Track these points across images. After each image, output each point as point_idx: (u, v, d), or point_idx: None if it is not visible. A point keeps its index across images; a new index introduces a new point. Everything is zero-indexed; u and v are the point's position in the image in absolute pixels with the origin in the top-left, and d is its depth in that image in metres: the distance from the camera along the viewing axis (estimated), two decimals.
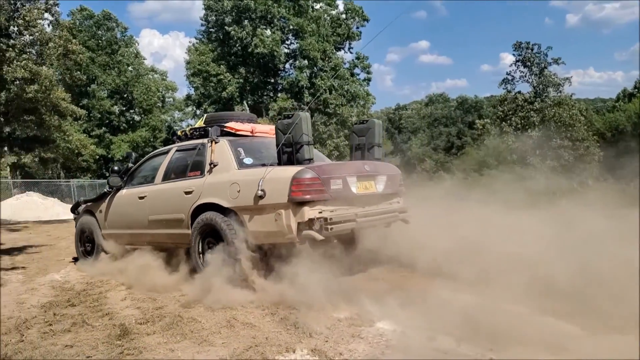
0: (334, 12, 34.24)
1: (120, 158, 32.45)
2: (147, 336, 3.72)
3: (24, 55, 25.24)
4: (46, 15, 26.79)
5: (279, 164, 4.65)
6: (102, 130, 37.12)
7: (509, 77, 33.98)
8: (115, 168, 6.41)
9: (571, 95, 32.92)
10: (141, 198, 5.78)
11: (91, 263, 6.36)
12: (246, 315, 4.24)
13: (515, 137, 30.30)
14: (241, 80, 32.19)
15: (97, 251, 6.41)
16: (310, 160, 4.55)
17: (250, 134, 5.51)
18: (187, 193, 5.14)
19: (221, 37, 33.45)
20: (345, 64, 34.35)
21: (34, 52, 26.75)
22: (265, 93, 34.13)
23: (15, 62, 24.31)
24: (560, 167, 27.18)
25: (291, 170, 4.40)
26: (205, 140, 5.34)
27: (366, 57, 35.12)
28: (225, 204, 4.73)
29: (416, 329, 3.67)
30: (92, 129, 36.37)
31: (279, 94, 32.74)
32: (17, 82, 24.59)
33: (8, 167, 25.89)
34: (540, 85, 32.74)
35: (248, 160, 4.99)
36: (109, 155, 35.40)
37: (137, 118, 40.30)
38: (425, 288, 4.52)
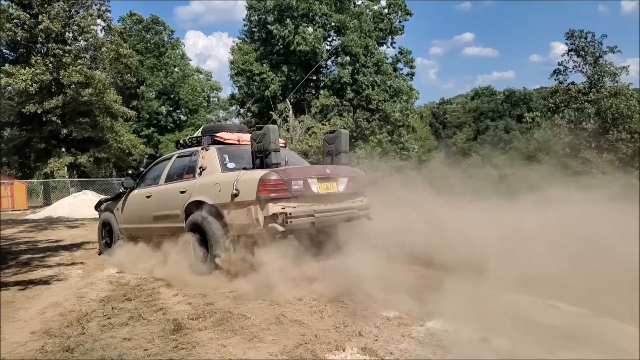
0: (376, 7, 33.88)
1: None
2: (199, 331, 3.80)
3: (79, 61, 26.56)
4: (99, 21, 28.10)
5: (253, 167, 5.40)
6: (151, 130, 38.48)
7: (561, 68, 32.62)
8: (130, 172, 7.46)
9: (628, 85, 31.13)
10: (148, 197, 6.67)
11: (110, 253, 7.25)
12: (294, 312, 4.26)
13: (569, 130, 28.99)
14: (283, 79, 32.44)
15: (115, 242, 7.33)
16: (277, 164, 5.27)
17: (237, 143, 6.31)
18: (182, 192, 5.98)
19: (263, 36, 33.84)
20: (387, 59, 33.95)
21: (88, 57, 28.10)
22: (307, 90, 34.24)
23: (71, 67, 25.63)
24: (618, 161, 25.76)
25: (259, 173, 5.13)
26: (199, 148, 6.23)
27: (409, 52, 34.60)
28: (209, 201, 5.53)
29: (469, 329, 3.56)
30: (142, 129, 37.78)
31: (321, 91, 32.75)
32: (73, 86, 25.90)
33: (66, 167, 27.25)
34: (595, 75, 31.17)
35: (231, 165, 5.79)
36: (158, 155, 36.66)
37: (183, 118, 41.53)
38: (474, 287, 4.40)
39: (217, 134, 6.34)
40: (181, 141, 7.09)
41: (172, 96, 40.78)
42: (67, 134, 27.14)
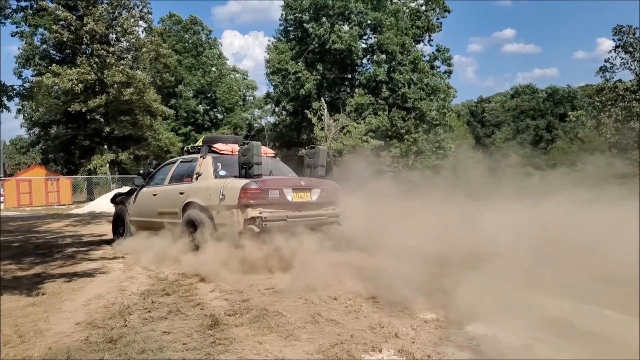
0: (413, 5, 33.43)
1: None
2: (236, 328, 3.84)
3: (122, 61, 27.44)
4: (140, 22, 28.95)
5: (239, 177, 6.24)
6: (188, 129, 39.32)
7: (608, 65, 31.28)
8: (141, 172, 8.50)
9: None
10: (154, 195, 7.61)
11: (121, 242, 8.10)
12: (330, 311, 4.25)
13: (615, 129, 27.77)
14: (319, 77, 32.47)
15: (127, 233, 8.24)
16: (258, 175, 6.14)
17: (231, 153, 7.05)
18: (181, 193, 6.87)
19: (299, 35, 33.97)
20: (424, 56, 33.45)
21: (129, 57, 29.00)
22: (342, 89, 34.16)
23: (114, 67, 26.51)
24: None
25: (241, 182, 6.00)
26: (198, 156, 7.13)
27: (447, 49, 33.99)
28: (202, 203, 6.40)
29: (510, 335, 3.46)
30: (179, 128, 38.66)
31: (356, 90, 32.61)
32: (115, 85, 26.78)
33: (107, 163, 28.20)
34: None
35: (222, 172, 6.65)
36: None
37: (219, 116, 42.26)
38: (516, 291, 4.28)
39: (214, 145, 7.22)
40: (185, 148, 8.06)
41: (209, 95, 41.55)
42: (109, 132, 28.08)
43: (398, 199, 9.54)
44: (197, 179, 6.77)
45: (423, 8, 33.46)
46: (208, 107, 41.86)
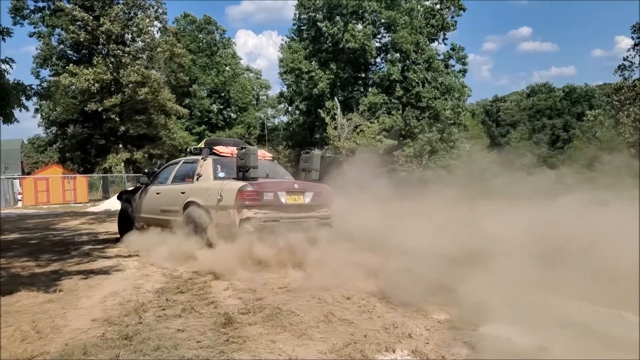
0: (427, 3, 33.19)
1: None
2: (249, 326, 3.85)
3: (137, 61, 27.74)
4: (155, 22, 29.22)
5: (237, 179, 6.52)
6: (202, 128, 39.58)
7: (627, 63, 30.74)
8: (146, 171, 8.94)
9: None
10: (158, 193, 7.96)
11: (126, 237, 8.31)
12: (343, 311, 4.24)
13: (634, 129, 27.26)
14: (332, 76, 32.43)
15: (132, 228, 8.46)
16: (255, 179, 6.46)
17: (230, 156, 7.25)
18: (182, 193, 7.18)
19: (312, 34, 33.97)
20: (439, 55, 33.19)
21: (144, 57, 29.30)
22: (355, 88, 34.08)
23: (129, 67, 26.81)
24: None
25: (238, 185, 6.32)
26: (199, 157, 7.43)
27: (462, 48, 33.70)
28: (201, 202, 6.70)
29: (525, 337, 3.42)
30: (193, 127, 38.93)
31: (370, 89, 32.50)
32: (131, 85, 27.08)
33: (123, 162, 28.53)
34: None
35: (221, 174, 6.95)
36: None
37: (233, 116, 42.47)
38: (532, 293, 4.22)
39: (214, 147, 7.54)
40: (188, 150, 8.49)
41: (222, 94, 41.77)
42: (125, 131, 28.40)
43: (409, 199, 9.49)
44: (197, 179, 7.11)
45: (438, 6, 33.22)
46: (222, 107, 42.10)
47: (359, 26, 31.80)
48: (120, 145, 29.10)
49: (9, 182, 27.70)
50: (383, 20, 32.12)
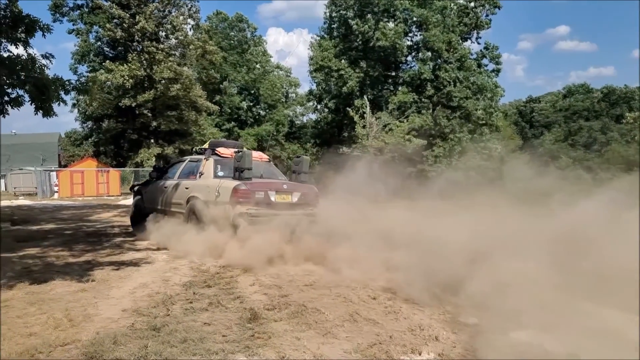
0: (461, 1, 32.56)
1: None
2: (275, 322, 3.87)
3: (170, 58, 28.24)
4: (188, 20, 29.69)
5: (234, 178, 7.23)
6: (231, 125, 39.96)
7: None
8: (156, 166, 10.07)
9: None
10: (165, 187, 8.67)
11: (138, 227, 9.09)
12: (368, 311, 4.21)
13: None
14: (362, 75, 32.23)
15: (143, 218, 8.99)
16: (249, 179, 7.18)
17: (230, 157, 7.91)
18: (186, 188, 7.96)
19: (343, 32, 33.84)
20: (472, 54, 32.55)
21: (177, 54, 29.80)
22: (385, 87, 33.76)
23: (162, 63, 27.33)
24: None
25: (233, 183, 7.06)
26: (203, 157, 8.22)
27: (496, 47, 32.93)
28: (202, 198, 7.46)
29: (556, 344, 3.31)
30: (223, 124, 39.35)
31: (400, 88, 32.15)
32: (163, 81, 27.58)
33: (154, 157, 29.12)
34: None
35: (221, 173, 7.69)
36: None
37: (262, 113, 42.72)
38: (564, 299, 4.08)
39: (217, 149, 8.31)
40: (194, 150, 9.50)
41: (252, 92, 42.07)
42: (156, 126, 28.97)
43: (440, 200, 9.36)
44: (200, 177, 7.90)
45: (472, 4, 32.54)
46: (251, 104, 42.42)
47: (390, 24, 31.48)
48: (152, 140, 29.70)
49: (47, 174, 28.70)
50: (415, 19, 31.68)
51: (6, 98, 8.42)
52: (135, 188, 10.20)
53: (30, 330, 3.63)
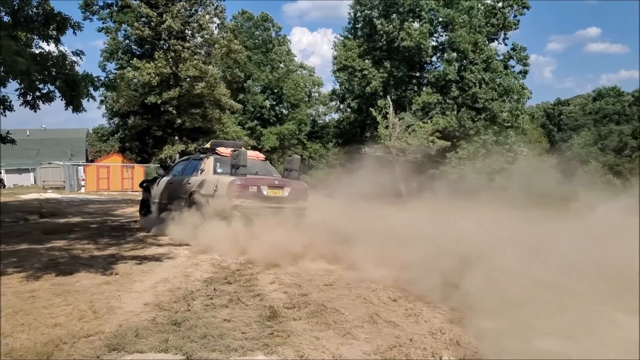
0: (488, 1, 31.99)
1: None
2: (294, 321, 3.86)
3: (195, 56, 28.61)
4: (214, 19, 30.01)
5: (231, 174, 7.94)
6: (254, 123, 40.21)
7: None
8: (163, 164, 11.00)
9: None
10: (170, 183, 9.42)
11: (145, 220, 10.01)
12: (389, 313, 4.16)
13: None
14: (385, 75, 32.01)
15: (150, 212, 9.85)
16: (244, 175, 7.91)
17: (229, 156, 8.53)
18: (189, 183, 8.68)
19: (367, 32, 33.68)
20: (498, 55, 31.96)
21: (202, 52, 30.16)
22: (409, 87, 33.45)
23: (188, 62, 27.70)
24: None
25: (229, 179, 7.79)
26: (204, 155, 9.03)
27: (523, 48, 32.25)
28: (202, 192, 8.13)
29: (581, 352, 3.20)
30: (246, 122, 39.62)
31: (424, 88, 31.81)
32: (188, 79, 27.96)
33: (178, 154, 29.54)
34: None
35: (220, 170, 8.42)
36: (259, 146, 38.15)
37: (285, 112, 42.87)
38: (591, 305, 3.96)
39: (217, 148, 9.06)
40: (197, 149, 10.27)
41: (275, 91, 42.25)
42: (181, 124, 29.39)
43: (463, 201, 9.24)
44: (201, 173, 8.63)
45: (499, 5, 31.94)
46: (274, 103, 42.60)
47: (416, 24, 31.16)
48: (176, 137, 30.12)
49: (74, 169, 29.41)
50: (440, 19, 31.29)
51: (38, 93, 8.66)
52: (144, 185, 10.95)
53: (55, 321, 3.71)
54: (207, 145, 9.54)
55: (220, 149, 9.05)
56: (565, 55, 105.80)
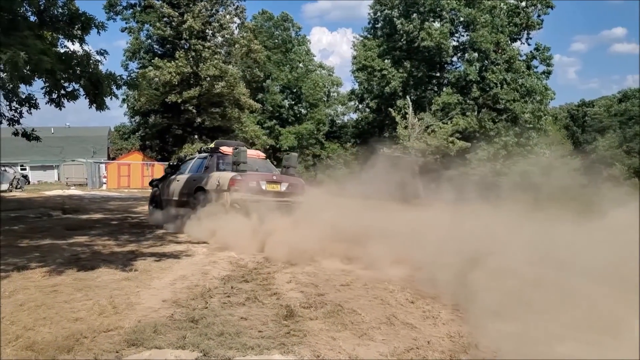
0: (511, 1, 31.50)
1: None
2: (310, 321, 3.85)
3: (216, 56, 28.88)
4: (235, 18, 30.25)
5: (232, 171, 8.56)
6: (273, 123, 40.36)
7: None
8: (171, 163, 11.74)
9: None
10: (178, 181, 9.98)
11: (154, 215, 10.62)
12: (406, 315, 4.12)
13: None
14: (405, 75, 31.80)
15: (159, 208, 10.56)
16: (244, 171, 8.50)
17: (231, 154, 9.05)
18: (194, 180, 9.34)
19: (387, 31, 33.52)
20: (521, 55, 31.44)
21: (223, 52, 30.42)
22: (429, 87, 33.18)
23: (208, 61, 27.98)
24: None
25: (230, 175, 8.40)
26: (209, 154, 9.68)
27: (547, 48, 31.66)
28: (206, 187, 8.75)
29: (606, 357, 3.12)
30: (265, 121, 39.80)
31: (444, 89, 31.51)
32: (209, 79, 28.26)
33: (197, 152, 29.83)
34: None
35: (222, 167, 9.03)
36: (277, 146, 38.28)
37: (303, 112, 42.93)
38: (615, 310, 3.85)
39: (220, 147, 9.65)
40: (202, 149, 10.92)
41: (294, 90, 42.35)
42: (200, 123, 29.70)
43: (483, 203, 9.12)
44: (205, 170, 9.25)
45: (523, 4, 31.41)
46: (293, 102, 42.70)
47: (436, 24, 30.89)
48: (196, 136, 30.44)
49: (96, 166, 29.97)
50: (462, 19, 30.94)
51: (62, 92, 8.84)
52: (154, 183, 11.62)
53: (76, 315, 3.77)
54: (212, 145, 10.28)
55: (223, 148, 9.65)
56: (589, 56, 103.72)
